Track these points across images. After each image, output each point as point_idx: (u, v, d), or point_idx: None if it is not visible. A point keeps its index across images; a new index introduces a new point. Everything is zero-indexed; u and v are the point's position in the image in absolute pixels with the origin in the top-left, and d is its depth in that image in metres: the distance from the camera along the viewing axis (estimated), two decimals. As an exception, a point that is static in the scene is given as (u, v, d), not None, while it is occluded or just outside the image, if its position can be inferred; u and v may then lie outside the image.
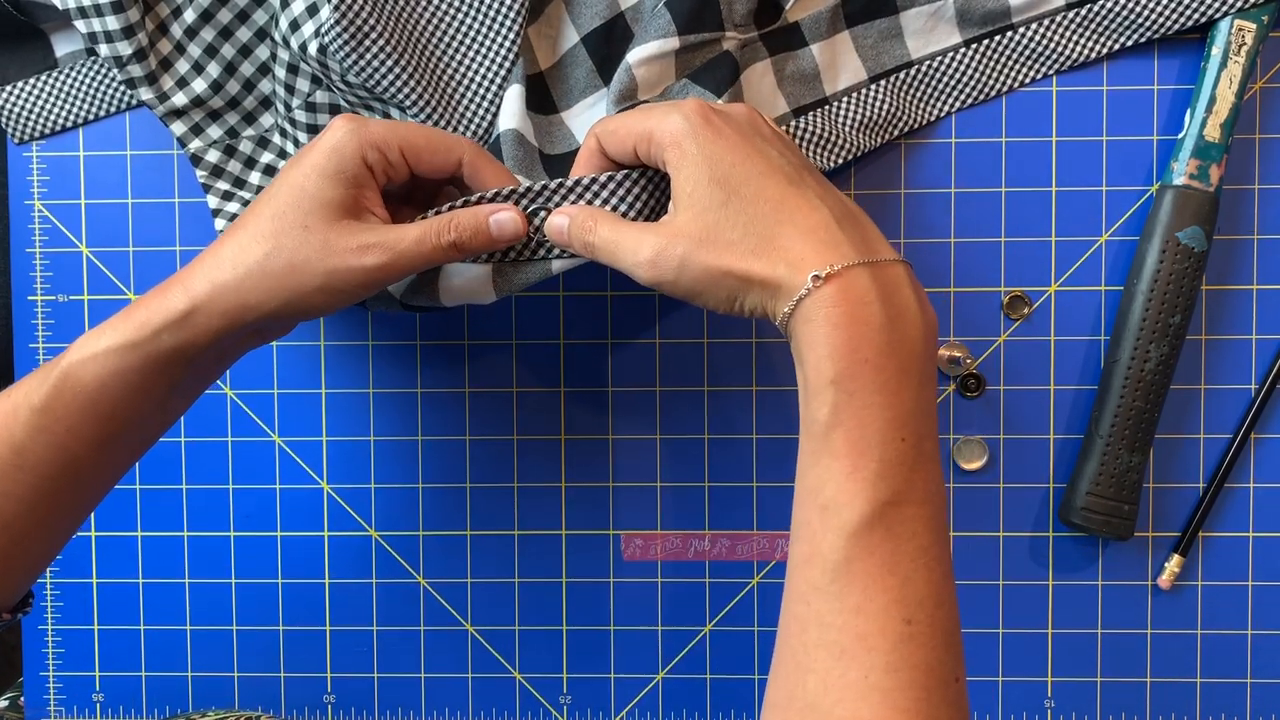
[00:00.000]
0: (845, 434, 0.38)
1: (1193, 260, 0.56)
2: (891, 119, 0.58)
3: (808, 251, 0.39)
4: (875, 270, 0.39)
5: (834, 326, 0.38)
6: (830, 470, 0.38)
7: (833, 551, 0.38)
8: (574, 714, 0.62)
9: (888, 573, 0.38)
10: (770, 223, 0.39)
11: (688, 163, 0.40)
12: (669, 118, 0.42)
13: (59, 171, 0.61)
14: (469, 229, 0.45)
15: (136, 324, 0.43)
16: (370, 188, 0.44)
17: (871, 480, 0.38)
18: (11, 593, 0.46)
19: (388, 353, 0.61)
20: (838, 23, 0.57)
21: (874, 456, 0.38)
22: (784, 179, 0.40)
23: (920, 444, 0.39)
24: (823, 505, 0.39)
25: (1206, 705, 0.60)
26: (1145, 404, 0.56)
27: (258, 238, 0.43)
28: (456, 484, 0.61)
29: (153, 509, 0.61)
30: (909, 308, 0.39)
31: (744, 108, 0.44)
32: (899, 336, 0.38)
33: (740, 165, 0.40)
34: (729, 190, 0.39)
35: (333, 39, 0.51)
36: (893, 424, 0.38)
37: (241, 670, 0.62)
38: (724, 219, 0.39)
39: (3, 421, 0.43)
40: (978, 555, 0.60)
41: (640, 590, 0.61)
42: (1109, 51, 0.58)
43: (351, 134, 0.43)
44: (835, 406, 0.38)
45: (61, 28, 0.59)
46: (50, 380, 0.42)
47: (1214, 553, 0.60)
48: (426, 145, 0.45)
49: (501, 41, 0.55)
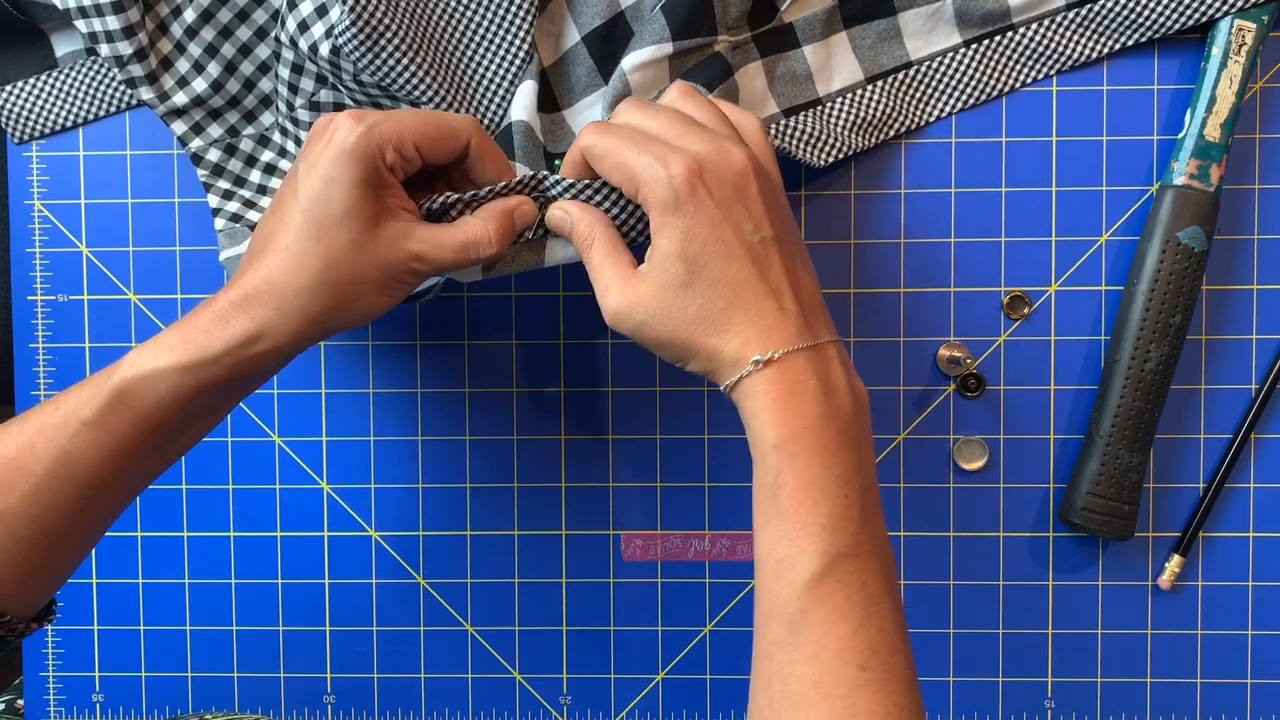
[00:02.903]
0: (792, 493, 0.41)
1: (1193, 260, 0.56)
2: (888, 119, 0.58)
3: (753, 336, 0.42)
4: (811, 352, 0.42)
5: (773, 400, 0.41)
6: (781, 528, 0.41)
7: (789, 605, 0.40)
8: (574, 714, 0.62)
9: (841, 620, 0.40)
10: (725, 305, 0.42)
11: (665, 233, 0.42)
12: (657, 179, 0.42)
13: (59, 171, 0.61)
14: (502, 234, 0.46)
15: (197, 346, 0.42)
16: (394, 186, 0.44)
17: (820, 534, 0.41)
18: (38, 601, 0.45)
19: (388, 353, 0.61)
20: (834, 24, 0.57)
21: (821, 511, 0.41)
22: (749, 259, 0.42)
23: (864, 500, 0.42)
24: (777, 561, 0.41)
25: (1206, 705, 0.60)
26: (1145, 404, 0.56)
27: (308, 257, 0.42)
28: (456, 484, 0.61)
29: (153, 509, 0.61)
30: (840, 383, 0.43)
31: (741, 158, 0.43)
32: (833, 407, 0.42)
33: (711, 245, 0.42)
34: (695, 270, 0.42)
35: (347, 39, 0.51)
36: (836, 481, 0.41)
37: (241, 671, 0.62)
38: (685, 298, 0.42)
39: (52, 434, 0.42)
40: (978, 555, 0.60)
41: (640, 590, 0.61)
42: (1109, 51, 0.58)
43: (364, 137, 0.42)
44: (779, 468, 0.41)
45: (61, 28, 0.59)
46: (104, 395, 0.42)
47: (1214, 553, 0.60)
48: (438, 134, 0.44)
49: (513, 37, 0.55)
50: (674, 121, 0.44)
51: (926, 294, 0.59)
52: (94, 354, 0.61)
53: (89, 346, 0.61)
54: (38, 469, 0.42)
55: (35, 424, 0.43)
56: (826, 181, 0.59)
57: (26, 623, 0.45)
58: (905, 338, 0.59)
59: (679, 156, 0.42)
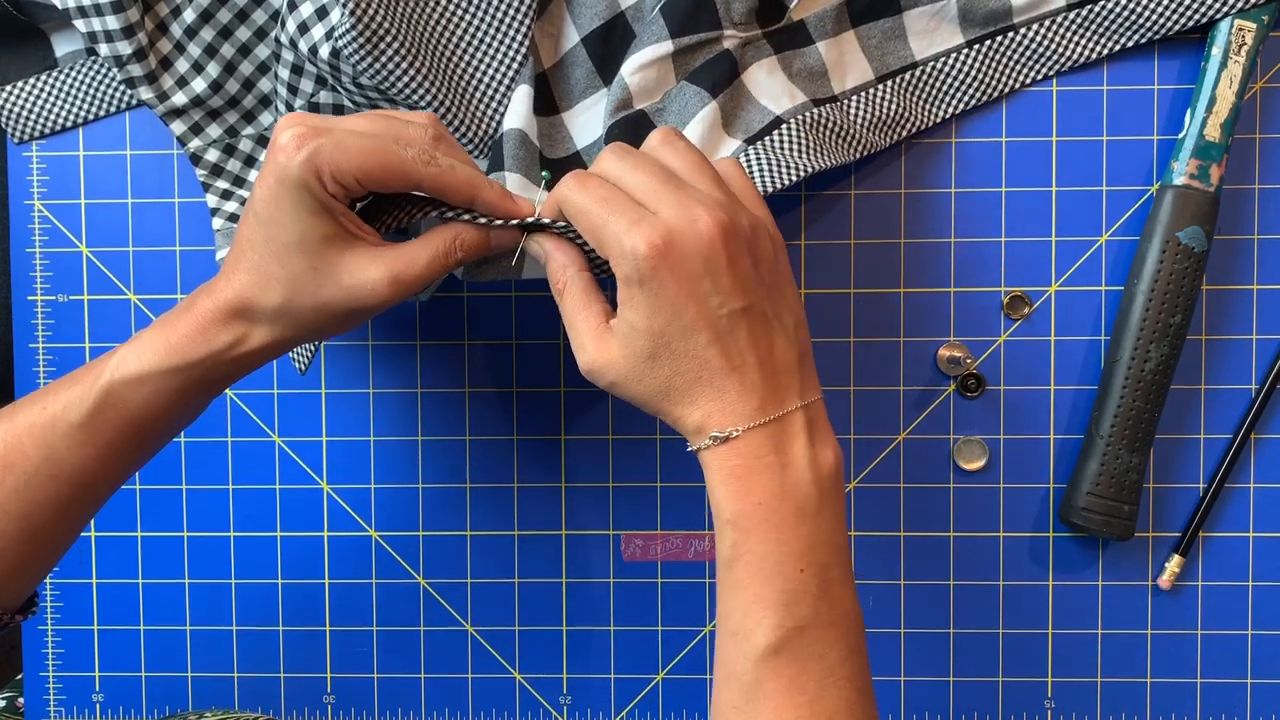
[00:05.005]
0: (746, 566, 0.42)
1: (1193, 260, 0.56)
2: (900, 119, 0.58)
3: (714, 411, 0.42)
4: (772, 427, 0.42)
5: (728, 475, 0.42)
6: (736, 600, 0.42)
7: (744, 673, 0.41)
8: (574, 714, 0.62)
9: (796, 691, 0.41)
10: (689, 379, 0.42)
11: (630, 305, 0.42)
12: (622, 255, 0.41)
13: (59, 171, 0.61)
14: (474, 246, 0.45)
15: (181, 353, 0.43)
16: (344, 212, 0.43)
17: (774, 608, 0.41)
18: (22, 595, 0.47)
19: (388, 353, 0.61)
20: (843, 21, 0.57)
21: (775, 587, 0.41)
22: (713, 335, 0.42)
23: (824, 573, 0.42)
24: (732, 630, 0.42)
25: (1206, 705, 0.60)
26: (1145, 404, 0.56)
27: (273, 281, 0.43)
28: (456, 484, 0.61)
29: (153, 509, 0.61)
30: (799, 457, 0.42)
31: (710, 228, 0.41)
32: (791, 483, 0.42)
33: (674, 321, 0.41)
34: (660, 344, 0.42)
35: (347, 43, 0.50)
36: (790, 558, 0.42)
37: (241, 670, 0.62)
38: (651, 368, 0.42)
39: (41, 434, 0.43)
40: (978, 555, 0.60)
41: (640, 590, 0.61)
42: (1109, 52, 0.58)
43: (304, 165, 0.41)
44: (734, 542, 0.42)
45: (61, 28, 0.59)
46: (92, 397, 0.43)
47: (1214, 553, 0.60)
48: (383, 172, 0.42)
49: (511, 41, 0.55)
50: (651, 178, 0.42)
51: (926, 294, 0.59)
52: (94, 354, 0.61)
53: (89, 346, 0.61)
54: (27, 467, 0.43)
55: (24, 423, 0.44)
56: (826, 181, 0.59)
57: (11, 614, 0.46)
58: (905, 338, 0.59)
59: (645, 231, 0.40)
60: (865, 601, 0.60)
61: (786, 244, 0.59)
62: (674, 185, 0.42)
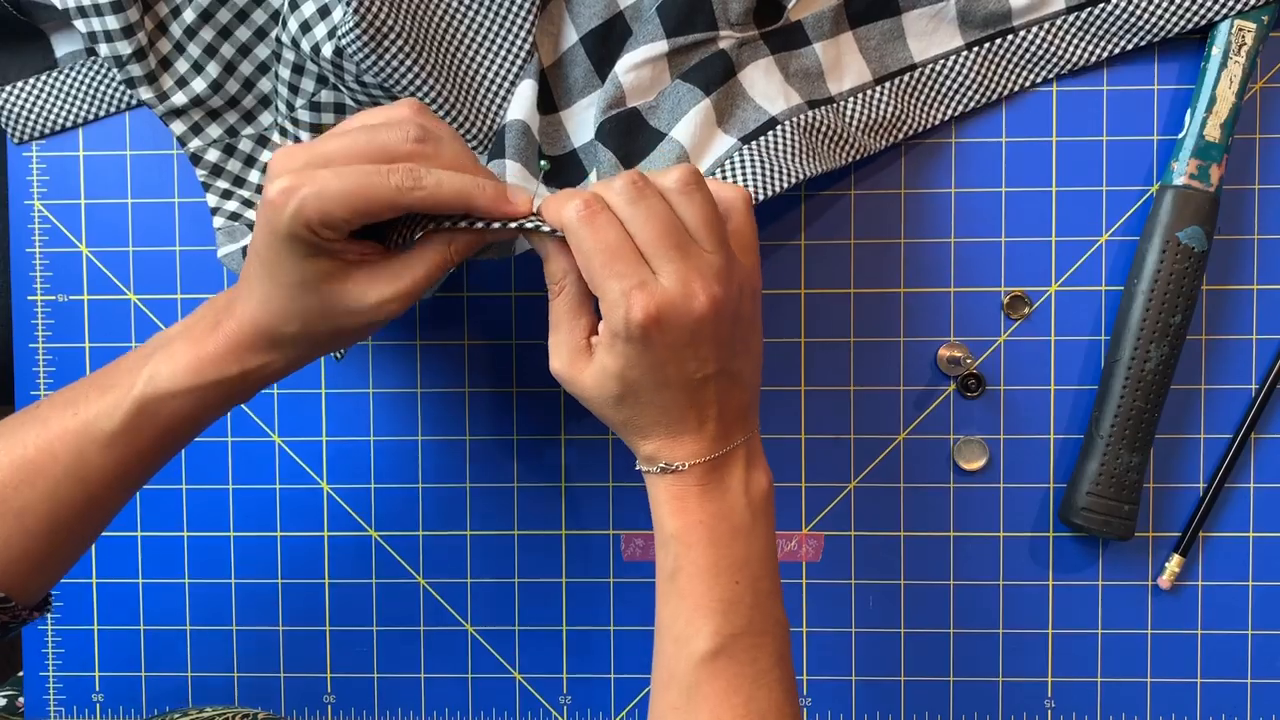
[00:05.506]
0: (688, 577, 0.46)
1: (1193, 260, 0.56)
2: (896, 121, 0.58)
3: (666, 448, 0.46)
4: (713, 463, 0.46)
5: (673, 496, 0.46)
6: (679, 608, 0.46)
7: (685, 676, 0.45)
8: (574, 714, 0.62)
9: (733, 692, 0.44)
10: (650, 421, 0.45)
11: (611, 352, 0.44)
12: (616, 315, 0.42)
13: (59, 171, 0.61)
14: (469, 247, 0.46)
15: (214, 370, 0.45)
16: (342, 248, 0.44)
17: (713, 615, 0.45)
18: (42, 593, 0.48)
19: (388, 353, 0.61)
20: (841, 22, 0.57)
21: (715, 596, 0.45)
22: (682, 393, 0.44)
23: (756, 584, 0.46)
24: (675, 637, 0.46)
25: (1206, 705, 0.60)
26: (1145, 404, 0.56)
27: (286, 315, 0.44)
28: (456, 484, 0.61)
29: (153, 509, 0.61)
30: (736, 484, 0.47)
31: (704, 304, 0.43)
32: (729, 506, 0.46)
33: (649, 376, 0.44)
34: (630, 391, 0.44)
35: (351, 40, 0.50)
36: (727, 570, 0.45)
37: (241, 670, 0.62)
38: (615, 407, 0.45)
39: (74, 440, 0.45)
40: (978, 555, 0.60)
41: (640, 590, 0.61)
42: (1109, 55, 0.58)
43: (292, 219, 0.41)
44: (677, 556, 0.46)
45: (61, 28, 0.59)
46: (125, 407, 0.45)
47: (1214, 553, 0.60)
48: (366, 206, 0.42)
49: (515, 37, 0.55)
50: (660, 235, 0.43)
51: (926, 294, 0.59)
52: (94, 354, 0.61)
53: (89, 346, 0.61)
54: (56, 471, 0.45)
55: (57, 429, 0.45)
56: (826, 181, 0.59)
57: (29, 610, 0.47)
58: (905, 338, 0.59)
59: (643, 300, 0.42)
60: (865, 601, 0.61)
61: (786, 244, 0.60)
62: (680, 249, 0.43)
